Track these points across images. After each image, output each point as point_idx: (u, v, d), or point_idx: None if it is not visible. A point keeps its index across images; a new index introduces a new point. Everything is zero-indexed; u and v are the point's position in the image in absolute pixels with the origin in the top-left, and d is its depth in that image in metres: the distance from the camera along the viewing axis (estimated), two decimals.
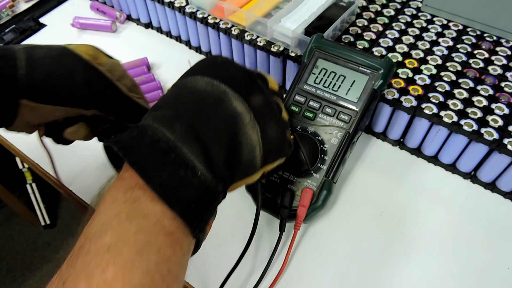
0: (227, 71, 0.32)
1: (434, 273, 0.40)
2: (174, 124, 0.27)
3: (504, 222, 0.43)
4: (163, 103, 0.30)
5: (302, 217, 0.39)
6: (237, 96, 0.30)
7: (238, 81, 0.31)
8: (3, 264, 1.22)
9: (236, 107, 0.29)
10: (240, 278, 0.40)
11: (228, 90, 0.30)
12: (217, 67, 0.32)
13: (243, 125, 0.29)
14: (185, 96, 0.30)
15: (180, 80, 0.32)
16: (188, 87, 0.30)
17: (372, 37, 0.52)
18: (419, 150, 0.49)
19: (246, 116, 0.30)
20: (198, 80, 0.30)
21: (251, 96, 0.31)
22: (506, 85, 0.46)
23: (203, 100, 0.29)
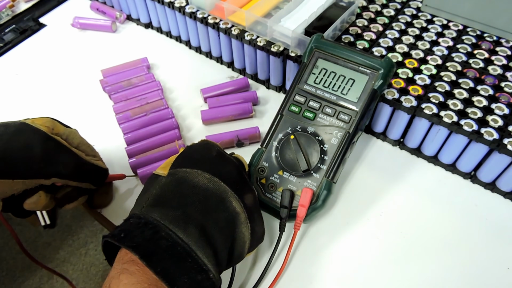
0: (223, 167, 0.34)
1: (434, 273, 0.40)
2: (188, 227, 0.29)
3: (504, 222, 0.43)
4: (167, 199, 0.31)
5: (302, 217, 0.39)
6: (235, 196, 0.33)
7: (234, 179, 0.34)
8: (3, 264, 1.22)
9: (235, 207, 0.32)
10: (240, 278, 0.40)
11: (228, 189, 0.32)
12: (213, 162, 0.34)
13: (240, 224, 0.33)
14: (189, 193, 0.32)
15: (177, 170, 0.33)
16: (191, 183, 0.32)
17: (372, 37, 0.52)
18: (419, 150, 0.49)
19: (242, 216, 0.33)
20: (199, 175, 0.33)
21: (245, 195, 0.34)
22: (506, 85, 0.46)
23: (207, 199, 0.32)
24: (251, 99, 0.54)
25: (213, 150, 0.36)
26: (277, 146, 0.42)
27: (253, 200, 0.35)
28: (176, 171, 0.33)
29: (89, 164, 0.40)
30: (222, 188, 0.32)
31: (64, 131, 0.40)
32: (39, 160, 0.37)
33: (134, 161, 0.48)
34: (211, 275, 0.29)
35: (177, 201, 0.31)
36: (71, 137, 0.40)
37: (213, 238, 0.30)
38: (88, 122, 0.55)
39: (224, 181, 0.33)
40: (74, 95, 0.59)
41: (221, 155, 0.36)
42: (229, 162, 0.36)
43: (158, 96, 0.55)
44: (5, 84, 0.61)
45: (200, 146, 0.37)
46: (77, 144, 0.41)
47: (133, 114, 0.53)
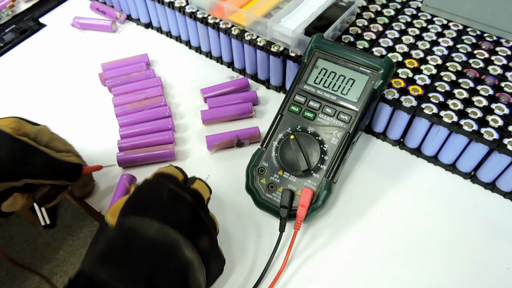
0: (175, 212, 0.32)
1: (434, 273, 0.40)
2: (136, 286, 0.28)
3: (504, 222, 0.43)
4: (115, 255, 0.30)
5: (302, 217, 0.39)
6: (187, 243, 0.31)
7: (187, 224, 0.32)
8: (3, 264, 1.22)
9: (187, 256, 0.31)
10: (240, 278, 0.40)
11: (179, 237, 0.31)
12: (164, 207, 0.32)
13: (193, 271, 0.31)
14: (138, 247, 0.30)
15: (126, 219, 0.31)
16: (140, 236, 0.30)
17: (372, 37, 0.52)
18: (419, 150, 0.49)
19: (196, 262, 0.31)
20: (148, 226, 0.30)
21: (199, 240, 0.32)
22: (506, 85, 0.46)
23: (157, 252, 0.30)
24: (251, 99, 0.54)
25: (165, 191, 0.33)
26: (277, 146, 0.42)
27: (209, 241, 0.34)
28: (124, 221, 0.31)
29: (60, 162, 0.39)
30: (173, 237, 0.31)
31: (31, 130, 0.39)
32: (6, 162, 0.36)
33: (121, 156, 0.48)
34: None
35: (125, 258, 0.30)
36: (40, 135, 0.39)
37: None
38: (88, 122, 0.55)
39: (175, 228, 0.31)
40: (74, 95, 0.59)
41: (173, 196, 0.33)
42: (182, 204, 0.33)
43: (157, 92, 0.55)
44: (5, 84, 0.61)
45: (150, 186, 0.34)
46: (47, 141, 0.40)
47: (131, 108, 0.53)
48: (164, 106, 0.54)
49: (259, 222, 0.44)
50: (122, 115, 0.53)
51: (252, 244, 0.42)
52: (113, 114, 0.54)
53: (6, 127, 0.37)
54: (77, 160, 0.41)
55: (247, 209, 0.44)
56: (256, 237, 0.43)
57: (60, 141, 0.41)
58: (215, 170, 0.49)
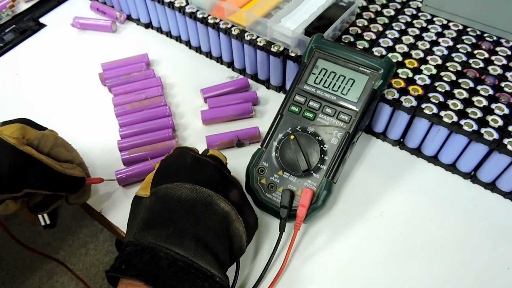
0: (202, 172, 0.35)
1: (434, 273, 0.40)
2: (183, 241, 0.30)
3: (504, 222, 0.43)
4: (156, 219, 0.32)
5: (302, 217, 0.39)
6: (220, 196, 0.33)
7: (215, 181, 0.34)
8: (3, 264, 1.22)
9: (223, 208, 0.33)
10: (240, 278, 0.40)
11: (212, 193, 0.33)
12: (191, 170, 0.35)
13: (232, 221, 0.34)
14: (176, 208, 0.32)
15: (158, 188, 0.33)
16: (175, 198, 0.32)
17: (372, 37, 0.52)
18: (419, 150, 0.49)
19: (232, 213, 0.34)
20: (181, 188, 0.33)
21: (229, 193, 0.34)
22: (506, 85, 0.46)
23: (195, 209, 0.32)
24: (251, 99, 0.54)
25: (187, 157, 0.36)
26: (277, 146, 0.42)
27: (239, 194, 0.36)
28: (157, 189, 0.33)
29: (61, 175, 0.39)
30: (206, 194, 0.33)
31: (35, 136, 0.39)
32: (7, 175, 0.36)
33: (126, 157, 0.48)
34: (217, 279, 0.30)
35: (167, 219, 0.31)
36: (44, 141, 0.39)
37: (210, 244, 0.31)
38: (88, 121, 0.55)
39: (206, 186, 0.33)
40: (74, 95, 0.59)
41: (197, 160, 0.36)
42: (206, 165, 0.36)
43: (157, 92, 0.55)
44: (5, 84, 0.61)
45: (174, 157, 0.37)
46: (50, 147, 0.39)
47: (131, 108, 0.53)
48: (164, 106, 0.54)
49: (259, 222, 0.44)
50: (122, 115, 0.53)
51: (252, 244, 0.42)
52: (113, 114, 0.54)
53: (10, 137, 0.36)
54: (79, 173, 0.41)
55: None
56: (256, 237, 0.43)
57: (64, 147, 0.41)
58: None
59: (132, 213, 0.35)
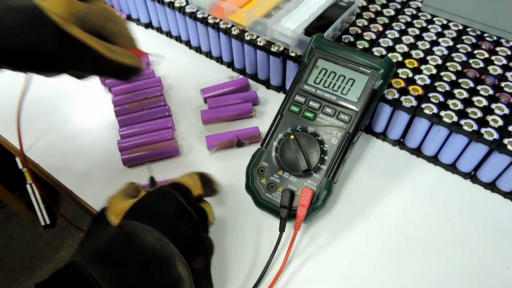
0: (177, 226, 0.32)
1: (434, 273, 0.40)
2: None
3: (504, 222, 0.43)
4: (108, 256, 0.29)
5: (302, 217, 0.39)
6: (183, 260, 0.30)
7: (186, 241, 0.31)
8: (3, 264, 1.22)
9: (180, 273, 0.30)
10: (240, 278, 0.40)
11: (176, 252, 0.30)
12: (168, 219, 0.32)
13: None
14: (133, 252, 0.30)
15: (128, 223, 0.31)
16: (137, 241, 0.30)
17: (372, 37, 0.52)
18: (419, 150, 0.49)
19: (187, 281, 0.30)
20: (148, 233, 0.30)
21: (194, 259, 0.31)
22: (506, 85, 0.46)
23: (151, 262, 0.29)
24: (251, 99, 0.54)
25: (172, 203, 0.33)
26: (277, 146, 0.42)
27: (204, 263, 0.33)
28: (127, 223, 0.31)
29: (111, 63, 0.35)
30: (170, 251, 0.30)
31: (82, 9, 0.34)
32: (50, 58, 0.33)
33: (126, 157, 0.48)
34: None
35: (118, 260, 0.29)
36: (90, 16, 0.35)
37: None
38: (88, 121, 0.55)
39: (174, 242, 0.30)
40: (74, 95, 0.59)
41: (181, 211, 0.33)
42: (186, 219, 0.33)
43: (157, 92, 0.55)
44: (5, 84, 0.61)
45: (160, 195, 0.34)
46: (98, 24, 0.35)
47: (131, 108, 0.53)
48: (164, 106, 0.54)
49: (259, 222, 0.44)
50: (122, 115, 0.53)
51: (252, 244, 0.42)
52: (113, 114, 0.54)
53: (54, 13, 0.32)
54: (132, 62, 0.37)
55: (247, 209, 0.44)
56: (256, 237, 0.43)
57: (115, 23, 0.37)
58: (215, 170, 0.48)
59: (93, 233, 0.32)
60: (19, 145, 0.51)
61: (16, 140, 0.53)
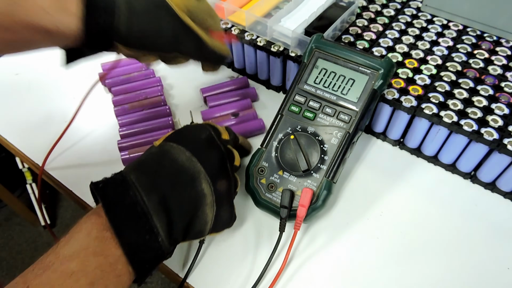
0: (206, 151, 0.37)
1: (434, 273, 0.40)
2: (151, 193, 0.32)
3: (504, 222, 0.43)
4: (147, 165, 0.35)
5: (302, 217, 0.39)
6: (207, 178, 0.35)
7: (212, 165, 0.36)
8: (3, 264, 1.22)
9: (203, 189, 0.35)
10: (240, 278, 0.40)
11: (202, 170, 0.35)
12: (199, 143, 0.37)
13: (204, 205, 0.35)
14: (166, 165, 0.35)
15: (166, 143, 0.37)
16: (171, 157, 0.35)
17: (372, 37, 0.52)
18: (419, 150, 0.49)
19: (209, 198, 0.35)
20: (180, 151, 0.36)
21: (218, 180, 0.36)
22: (506, 85, 0.46)
23: (179, 175, 0.35)
24: (250, 96, 0.54)
25: (204, 133, 0.38)
26: (277, 146, 0.42)
27: (227, 187, 0.37)
28: (165, 143, 0.37)
29: (210, 50, 0.41)
30: (197, 169, 0.35)
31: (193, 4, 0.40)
32: (167, 41, 0.38)
33: (126, 157, 0.48)
34: (159, 238, 0.32)
35: (153, 170, 0.34)
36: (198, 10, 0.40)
37: (171, 209, 0.33)
38: (88, 121, 0.55)
39: (201, 162, 0.35)
40: (74, 94, 0.59)
41: (210, 140, 0.38)
42: (214, 149, 0.38)
43: (157, 92, 0.55)
44: (5, 84, 0.61)
45: (195, 126, 0.40)
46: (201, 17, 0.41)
47: (131, 108, 0.53)
48: (164, 106, 0.54)
49: (259, 222, 0.44)
50: (122, 114, 0.53)
51: (252, 244, 0.42)
52: (113, 114, 0.54)
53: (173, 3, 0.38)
54: (225, 51, 0.43)
55: (247, 209, 0.44)
56: (256, 237, 0.43)
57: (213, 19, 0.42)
58: None
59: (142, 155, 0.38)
60: None
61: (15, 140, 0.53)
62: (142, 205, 0.31)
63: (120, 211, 0.31)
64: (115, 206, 0.31)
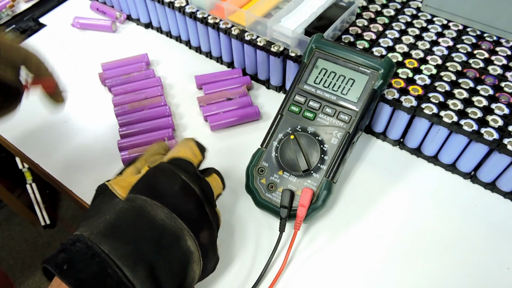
0: (184, 204, 0.33)
1: (434, 273, 0.40)
2: (137, 266, 0.28)
3: (504, 222, 0.43)
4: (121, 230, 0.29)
5: (302, 217, 0.39)
6: (191, 234, 0.31)
7: (193, 217, 0.32)
8: (3, 264, 1.22)
9: (189, 246, 0.31)
10: (240, 278, 0.40)
11: (184, 227, 0.31)
12: (175, 197, 0.32)
13: (192, 263, 0.32)
14: (145, 227, 0.30)
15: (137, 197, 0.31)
16: (148, 216, 0.30)
17: (372, 37, 0.52)
18: (419, 150, 0.49)
19: (196, 254, 0.32)
20: (158, 209, 0.31)
21: (201, 233, 0.33)
22: (506, 85, 0.46)
23: (162, 237, 0.30)
24: (245, 83, 0.56)
25: (177, 181, 0.33)
26: (277, 146, 0.42)
27: (209, 237, 0.34)
28: (136, 197, 0.31)
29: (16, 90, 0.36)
30: (179, 226, 0.31)
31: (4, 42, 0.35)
32: None
33: (126, 157, 0.48)
34: None
35: (131, 234, 0.29)
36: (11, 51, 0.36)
37: (161, 279, 0.29)
38: (88, 121, 0.55)
39: (182, 219, 0.31)
40: (74, 94, 0.59)
41: (185, 188, 0.33)
42: (191, 197, 0.33)
43: (157, 92, 0.55)
44: None
45: (164, 173, 0.34)
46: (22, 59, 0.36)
47: (130, 108, 0.53)
48: (164, 106, 0.54)
49: (259, 222, 0.44)
50: (122, 114, 0.53)
51: (252, 244, 0.42)
52: (113, 114, 0.54)
53: None
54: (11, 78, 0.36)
55: (247, 209, 0.44)
56: (256, 237, 0.43)
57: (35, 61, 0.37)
58: None
59: (98, 207, 0.32)
60: None
61: (15, 140, 0.53)
62: (128, 283, 0.27)
63: None
64: None
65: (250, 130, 0.53)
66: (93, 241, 0.28)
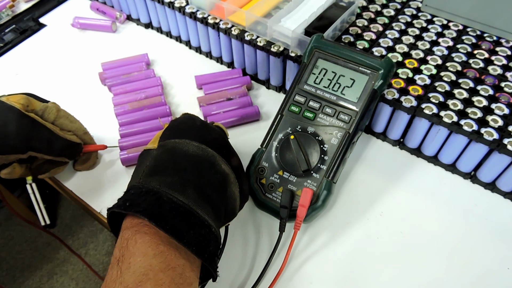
0: (209, 135, 0.37)
1: (434, 273, 0.40)
2: (186, 190, 0.32)
3: (504, 222, 0.43)
4: (162, 167, 0.33)
5: (302, 217, 0.39)
6: (223, 159, 0.35)
7: (220, 145, 0.37)
8: (3, 264, 1.22)
9: (224, 169, 0.35)
10: (240, 278, 0.40)
11: (215, 154, 0.35)
12: (199, 131, 0.37)
13: (230, 183, 0.36)
14: (182, 160, 0.34)
15: (167, 142, 0.36)
16: (182, 151, 0.34)
17: (372, 37, 0.52)
18: (419, 150, 0.49)
19: (231, 176, 0.36)
20: (188, 144, 0.35)
21: (230, 158, 0.37)
22: (506, 85, 0.46)
23: (199, 164, 0.34)
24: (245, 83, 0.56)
25: (197, 120, 0.38)
26: (277, 146, 0.42)
27: (238, 162, 0.38)
28: (166, 142, 0.35)
29: (62, 139, 0.42)
30: (211, 154, 0.35)
31: (40, 107, 0.42)
32: (14, 136, 0.39)
33: (125, 156, 0.48)
34: (213, 229, 0.32)
35: (172, 168, 0.33)
36: (48, 112, 0.42)
37: (210, 197, 0.33)
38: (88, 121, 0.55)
39: (211, 147, 0.35)
40: (74, 94, 0.59)
41: (205, 125, 0.38)
42: (213, 130, 0.38)
43: (157, 92, 0.55)
44: (5, 84, 0.61)
45: (184, 118, 0.39)
46: (54, 118, 0.43)
47: (130, 107, 0.53)
48: (164, 105, 0.54)
49: (259, 222, 0.44)
50: (122, 114, 0.53)
51: (252, 244, 0.42)
52: (113, 114, 0.54)
53: (16, 103, 0.40)
54: (77, 140, 0.45)
55: (247, 209, 0.44)
56: (256, 237, 0.43)
57: (67, 118, 0.44)
58: None
59: (138, 164, 0.37)
60: None
61: None
62: (183, 205, 0.31)
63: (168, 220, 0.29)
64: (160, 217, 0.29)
65: (250, 130, 0.53)
66: (143, 183, 0.32)
